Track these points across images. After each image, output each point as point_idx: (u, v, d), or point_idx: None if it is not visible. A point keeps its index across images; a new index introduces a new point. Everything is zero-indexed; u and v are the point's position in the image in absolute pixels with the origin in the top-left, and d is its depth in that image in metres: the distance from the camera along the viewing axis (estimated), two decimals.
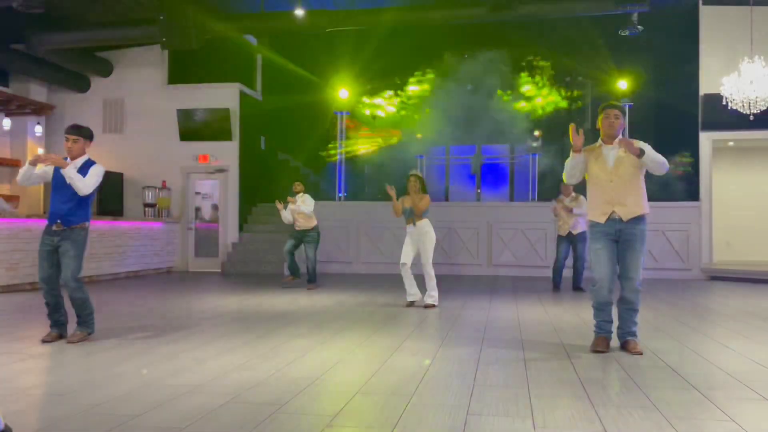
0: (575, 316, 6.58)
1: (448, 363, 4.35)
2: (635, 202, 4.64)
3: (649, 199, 4.78)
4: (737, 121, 10.96)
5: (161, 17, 10.14)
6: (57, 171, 5.04)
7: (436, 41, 13.01)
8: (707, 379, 3.90)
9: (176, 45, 10.54)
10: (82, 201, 5.09)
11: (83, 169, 5.05)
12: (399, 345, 4.95)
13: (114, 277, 10.96)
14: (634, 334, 4.73)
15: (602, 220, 4.67)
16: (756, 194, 13.75)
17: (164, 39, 10.33)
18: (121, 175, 13.39)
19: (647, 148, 4.61)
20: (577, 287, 9.09)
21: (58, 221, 5.02)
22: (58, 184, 5.06)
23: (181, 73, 13.61)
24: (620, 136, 4.78)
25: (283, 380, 3.82)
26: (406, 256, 7.20)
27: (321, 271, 12.52)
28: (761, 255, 13.08)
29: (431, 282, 7.23)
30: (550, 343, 5.09)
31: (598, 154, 4.76)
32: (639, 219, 4.65)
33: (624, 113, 4.94)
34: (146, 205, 12.91)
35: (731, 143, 12.76)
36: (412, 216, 7.20)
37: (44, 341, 4.99)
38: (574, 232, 8.88)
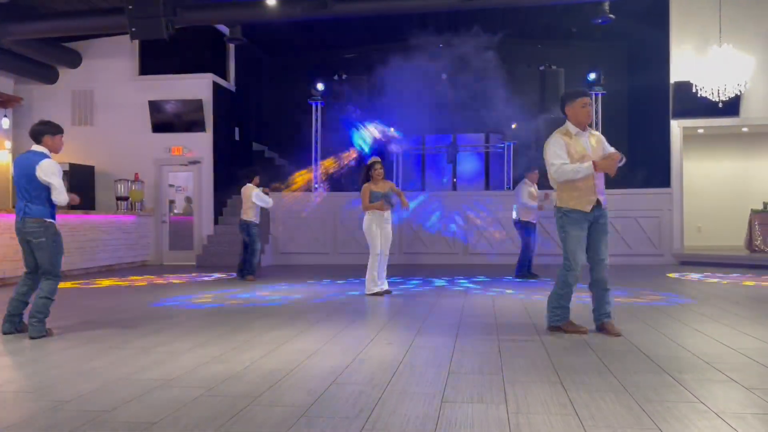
0: None
1: (424, 351, 4.36)
2: (603, 190, 4.85)
3: (623, 186, 4.92)
4: (707, 108, 11.13)
5: (129, 7, 9.93)
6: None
7: (412, 29, 12.97)
8: (677, 363, 3.97)
9: (146, 35, 10.33)
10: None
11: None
12: (375, 335, 4.95)
13: (86, 271, 10.79)
14: (609, 315, 4.86)
15: (588, 209, 4.75)
16: (724, 180, 14.02)
17: (133, 29, 10.11)
18: (92, 168, 13.16)
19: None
20: (531, 274, 9.12)
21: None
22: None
23: (151, 63, 13.39)
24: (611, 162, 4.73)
25: (258, 372, 3.80)
26: (384, 244, 7.21)
27: (300, 262, 12.50)
28: (730, 239, 13.35)
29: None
30: (525, 329, 5.14)
31: (576, 143, 4.78)
32: (605, 208, 4.86)
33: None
34: (119, 198, 12.71)
35: (701, 130, 12.96)
36: (390, 201, 7.19)
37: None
38: (534, 221, 8.95)
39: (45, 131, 5.11)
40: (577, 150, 4.74)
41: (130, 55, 13.33)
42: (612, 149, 4.88)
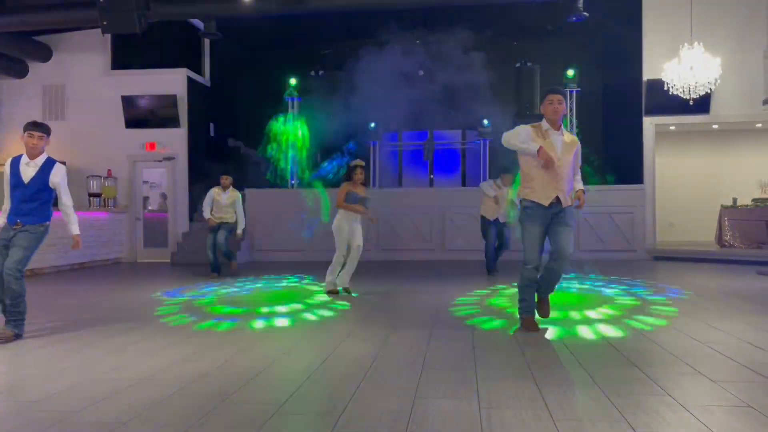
0: None
1: (398, 347, 4.38)
2: (569, 191, 4.81)
3: (595, 182, 4.95)
4: (678, 106, 11.31)
5: (101, 0, 9.76)
6: (17, 169, 4.96)
7: (388, 26, 12.96)
8: (647, 356, 4.04)
9: (118, 29, 10.17)
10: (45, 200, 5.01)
11: (45, 168, 5.00)
12: (349, 331, 4.95)
13: (57, 269, 10.61)
14: (547, 293, 4.97)
15: (546, 203, 4.74)
16: (695, 176, 14.27)
17: (105, 23, 9.94)
18: (63, 164, 12.90)
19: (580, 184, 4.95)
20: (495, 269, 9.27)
21: (18, 221, 4.93)
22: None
23: (124, 58, 13.19)
24: (576, 202, 4.87)
25: (231, 370, 3.78)
26: (357, 239, 7.16)
27: (275, 259, 12.42)
28: (701, 235, 13.59)
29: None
30: (498, 325, 5.18)
31: (545, 137, 4.80)
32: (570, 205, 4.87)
33: (566, 97, 5.01)
34: (91, 194, 12.49)
35: (672, 127, 13.16)
36: (366, 205, 7.18)
37: None
38: (501, 219, 9.03)
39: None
40: (545, 144, 4.76)
41: (103, 49, 13.12)
42: (578, 162, 4.97)
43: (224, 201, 9.60)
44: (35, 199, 4.96)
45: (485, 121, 13.31)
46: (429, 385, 3.41)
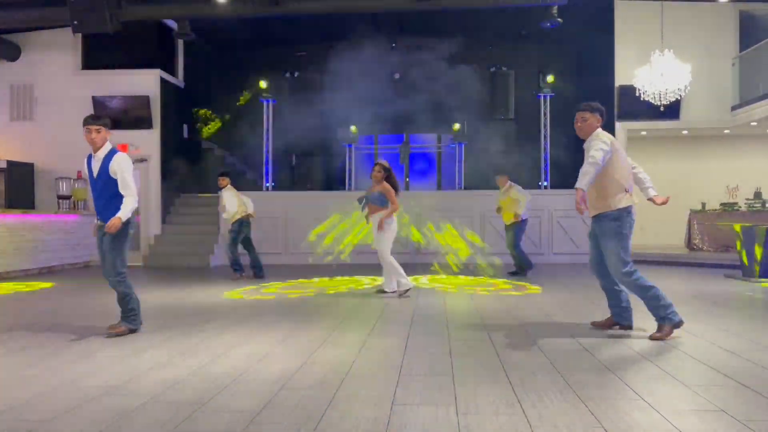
0: (500, 302, 6.75)
1: (375, 353, 4.36)
2: (596, 199, 4.86)
3: (569, 186, 4.98)
4: (649, 111, 11.52)
5: None
6: (89, 166, 5.03)
7: (364, 29, 12.96)
8: (620, 361, 4.08)
9: (89, 29, 9.99)
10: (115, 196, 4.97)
11: (106, 159, 4.94)
12: (326, 337, 4.92)
13: (25, 273, 10.36)
14: (660, 319, 4.75)
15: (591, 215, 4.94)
16: (666, 180, 14.51)
17: (75, 22, 9.76)
18: (31, 165, 12.66)
19: (581, 179, 4.70)
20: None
21: (99, 219, 5.08)
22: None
23: (95, 57, 12.97)
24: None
25: (206, 377, 3.72)
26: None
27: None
28: (671, 238, 13.84)
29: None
30: (476, 330, 5.20)
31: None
32: (602, 216, 4.86)
33: (594, 111, 4.98)
34: (60, 197, 12.25)
35: (644, 132, 13.40)
36: (361, 204, 7.27)
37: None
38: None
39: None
40: None
41: (73, 48, 12.88)
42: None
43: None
44: (105, 192, 4.96)
45: (456, 127, 13.38)
46: (407, 391, 3.39)
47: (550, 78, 12.83)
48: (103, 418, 2.99)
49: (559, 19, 10.29)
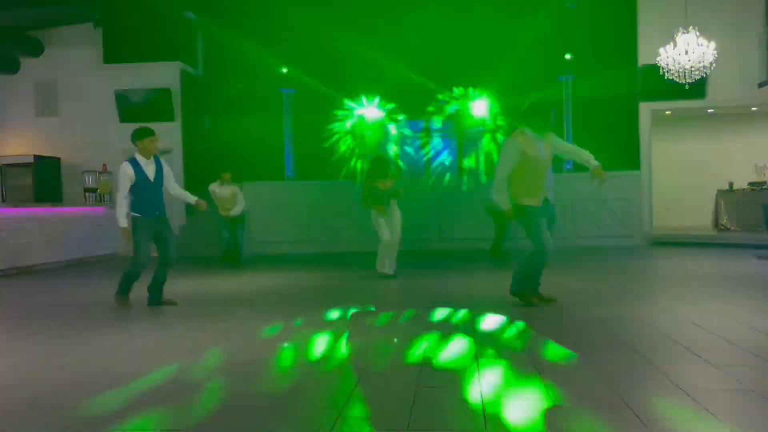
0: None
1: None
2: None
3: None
4: (674, 90, 11.29)
5: None
6: (143, 173, 5.74)
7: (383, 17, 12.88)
8: (647, 342, 4.04)
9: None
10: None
11: (158, 163, 5.90)
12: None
13: (56, 265, 10.57)
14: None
15: (539, 204, 5.18)
16: (691, 160, 14.28)
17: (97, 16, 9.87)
18: (58, 159, 12.88)
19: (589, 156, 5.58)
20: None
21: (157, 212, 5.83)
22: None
23: (117, 51, 13.10)
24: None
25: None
26: (395, 226, 7.52)
27: (276, 251, 12.41)
28: (697, 219, 13.63)
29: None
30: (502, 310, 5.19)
31: (531, 144, 5.13)
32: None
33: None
34: (86, 190, 12.47)
35: (668, 112, 13.15)
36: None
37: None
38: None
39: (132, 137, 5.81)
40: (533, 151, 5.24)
41: (95, 42, 13.02)
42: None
43: (226, 194, 10.01)
44: (161, 192, 5.80)
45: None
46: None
47: (567, 56, 12.59)
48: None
49: None
